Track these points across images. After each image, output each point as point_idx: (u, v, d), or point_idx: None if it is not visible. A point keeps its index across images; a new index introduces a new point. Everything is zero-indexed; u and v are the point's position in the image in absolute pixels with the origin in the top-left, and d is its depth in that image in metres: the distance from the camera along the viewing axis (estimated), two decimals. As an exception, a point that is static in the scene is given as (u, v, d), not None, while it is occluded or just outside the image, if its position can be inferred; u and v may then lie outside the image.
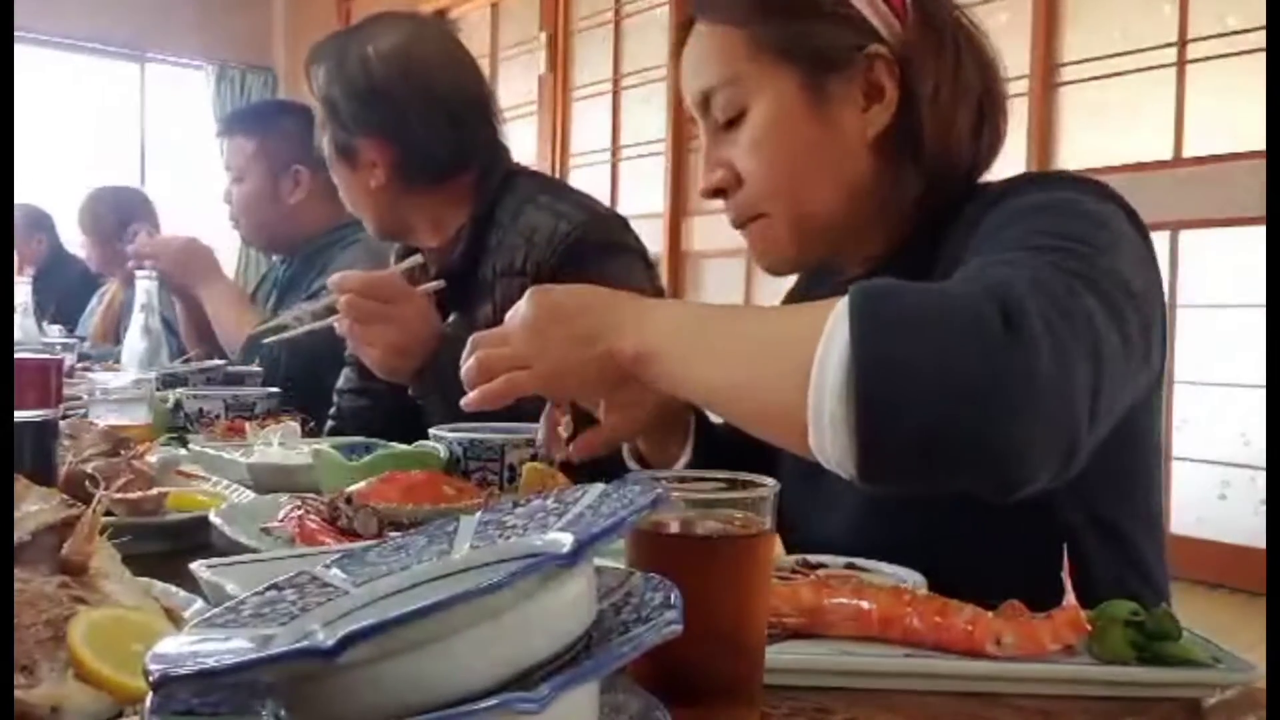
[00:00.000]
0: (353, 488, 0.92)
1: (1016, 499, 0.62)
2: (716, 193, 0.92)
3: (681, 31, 0.95)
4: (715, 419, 0.96)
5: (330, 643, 0.35)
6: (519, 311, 0.82)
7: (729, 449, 1.01)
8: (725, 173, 0.91)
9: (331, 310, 1.36)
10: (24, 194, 4.93)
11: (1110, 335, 0.64)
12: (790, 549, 0.84)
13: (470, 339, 0.86)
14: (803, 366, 0.61)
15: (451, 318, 1.34)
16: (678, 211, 5.12)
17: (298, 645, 0.38)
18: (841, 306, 0.61)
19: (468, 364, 0.84)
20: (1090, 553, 0.82)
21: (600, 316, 0.78)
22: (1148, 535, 0.88)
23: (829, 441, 0.61)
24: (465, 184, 1.48)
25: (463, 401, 0.85)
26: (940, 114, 0.87)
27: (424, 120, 1.43)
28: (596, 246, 1.38)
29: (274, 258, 2.33)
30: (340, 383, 1.65)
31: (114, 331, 3.03)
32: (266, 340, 1.70)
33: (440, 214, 1.49)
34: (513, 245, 1.40)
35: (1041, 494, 0.63)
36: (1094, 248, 0.70)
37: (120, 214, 3.17)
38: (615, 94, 5.55)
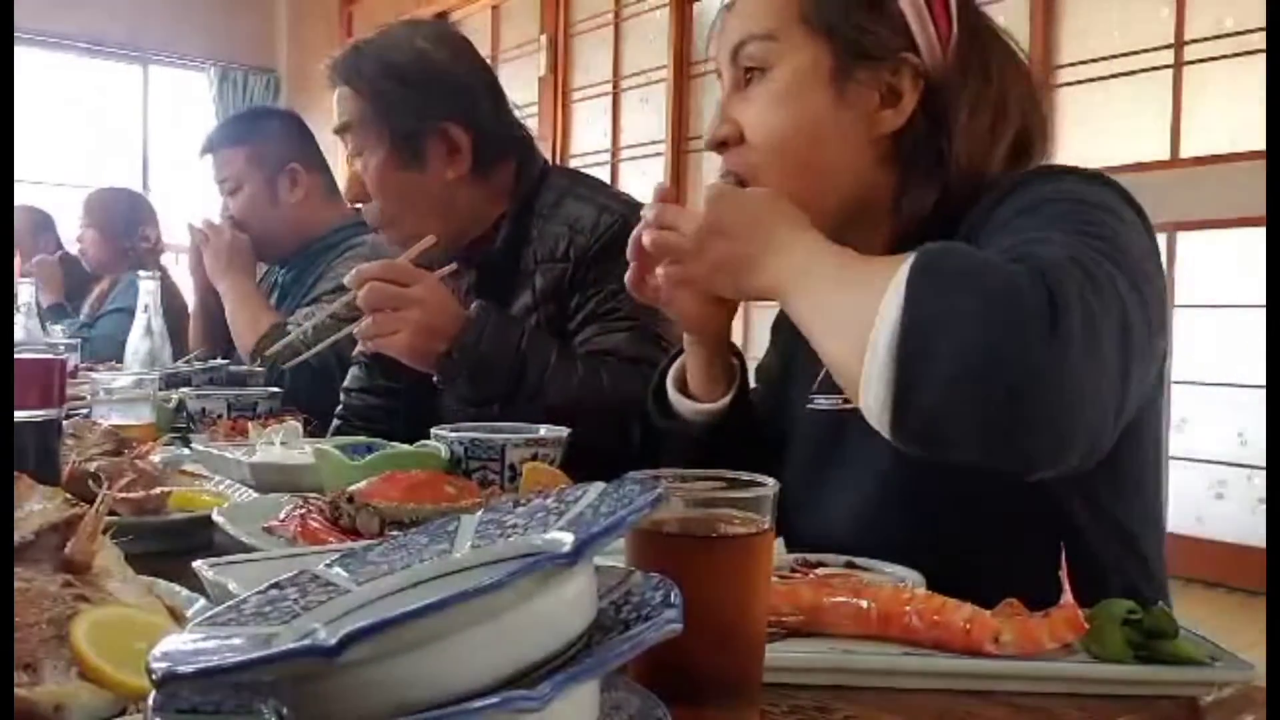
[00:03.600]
0: (354, 487, 0.92)
1: (1039, 477, 0.66)
2: (719, 145, 0.95)
3: None
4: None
5: (332, 642, 0.35)
6: (706, 204, 0.86)
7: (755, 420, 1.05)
8: (731, 127, 0.93)
9: (347, 316, 1.35)
10: (24, 195, 4.93)
11: (1137, 319, 0.67)
12: (790, 539, 0.87)
13: (659, 205, 0.89)
14: (871, 321, 0.66)
15: (474, 304, 1.35)
16: (677, 212, 5.11)
17: (299, 644, 0.38)
18: (904, 270, 0.65)
19: (647, 236, 0.88)
20: (1095, 546, 0.84)
21: (755, 248, 0.82)
22: (1149, 530, 0.89)
23: (871, 394, 0.66)
24: (508, 173, 1.48)
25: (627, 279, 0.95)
26: (971, 136, 0.89)
27: (487, 96, 1.46)
28: None
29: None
30: (348, 381, 1.65)
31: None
32: (285, 366, 1.70)
33: (483, 207, 1.49)
34: (555, 234, 1.42)
35: (1048, 486, 0.65)
36: (1109, 237, 0.72)
37: (132, 214, 3.17)
38: (615, 95, 5.55)
